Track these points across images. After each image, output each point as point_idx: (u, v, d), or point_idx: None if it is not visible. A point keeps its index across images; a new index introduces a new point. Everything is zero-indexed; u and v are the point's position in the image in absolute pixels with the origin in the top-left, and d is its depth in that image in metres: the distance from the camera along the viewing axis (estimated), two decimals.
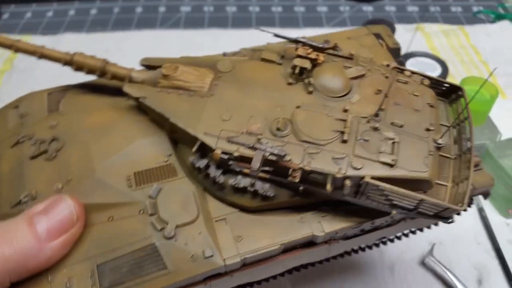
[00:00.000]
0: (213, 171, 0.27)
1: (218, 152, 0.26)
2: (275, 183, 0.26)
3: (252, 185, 0.27)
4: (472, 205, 0.33)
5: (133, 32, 0.80)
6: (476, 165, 0.33)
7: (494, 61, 0.71)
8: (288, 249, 0.28)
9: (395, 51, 0.38)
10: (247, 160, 0.25)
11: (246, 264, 0.27)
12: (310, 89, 0.29)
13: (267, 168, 0.26)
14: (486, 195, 0.34)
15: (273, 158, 0.25)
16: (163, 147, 0.30)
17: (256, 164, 0.25)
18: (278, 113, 0.28)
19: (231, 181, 0.27)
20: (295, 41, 0.30)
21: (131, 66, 0.35)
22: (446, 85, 0.32)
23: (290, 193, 0.27)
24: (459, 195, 0.27)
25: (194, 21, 0.83)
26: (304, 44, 0.30)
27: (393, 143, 0.27)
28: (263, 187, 0.26)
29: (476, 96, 0.49)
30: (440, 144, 0.28)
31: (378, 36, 0.39)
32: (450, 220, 0.28)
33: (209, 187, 0.28)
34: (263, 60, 0.31)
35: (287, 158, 0.25)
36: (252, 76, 0.30)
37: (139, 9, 0.87)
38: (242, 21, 0.83)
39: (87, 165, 0.30)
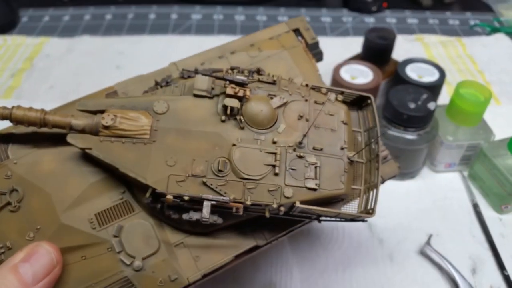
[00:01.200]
0: (167, 210, 0.31)
1: (170, 197, 0.29)
2: (222, 213, 0.30)
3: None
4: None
5: (147, 37, 0.83)
6: (384, 158, 0.38)
7: (489, 70, 0.75)
8: (238, 255, 0.33)
9: (313, 46, 0.41)
10: (196, 200, 0.29)
11: (205, 275, 0.32)
12: (242, 125, 0.31)
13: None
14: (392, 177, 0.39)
15: (220, 203, 0.29)
16: (115, 185, 0.32)
17: (206, 214, 0.29)
18: (217, 152, 0.30)
19: (185, 216, 0.30)
20: (222, 79, 0.32)
21: (141, 71, 0.38)
22: (357, 95, 0.36)
23: (235, 217, 0.31)
24: (371, 201, 0.32)
25: (205, 28, 0.87)
26: (231, 81, 0.31)
27: (316, 167, 0.31)
28: (213, 218, 0.30)
29: (471, 99, 0.54)
30: (352, 160, 0.32)
31: (297, 31, 0.40)
32: (365, 221, 0.33)
33: (165, 220, 0.32)
34: (195, 95, 0.32)
35: (231, 198, 0.29)
36: (187, 115, 0.31)
37: (152, 16, 0.91)
38: (250, 29, 0.87)
39: (51, 213, 0.31)
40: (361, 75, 0.59)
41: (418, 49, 0.79)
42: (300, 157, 0.31)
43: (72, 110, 0.34)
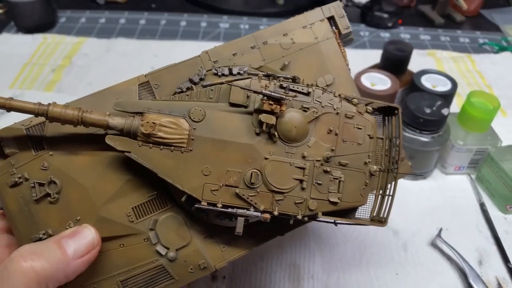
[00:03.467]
0: (199, 212, 0.35)
1: (204, 203, 0.32)
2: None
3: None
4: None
5: (178, 42, 0.90)
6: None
7: (497, 85, 0.81)
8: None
9: (346, 36, 0.40)
10: (229, 206, 0.33)
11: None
12: (275, 139, 0.33)
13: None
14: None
15: (253, 219, 0.33)
16: (149, 182, 0.35)
17: (239, 230, 0.32)
18: (250, 164, 0.33)
19: (217, 220, 0.35)
20: (260, 93, 0.33)
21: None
22: (386, 105, 0.37)
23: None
24: (384, 209, 0.35)
25: (231, 36, 0.93)
26: (268, 97, 0.32)
27: (339, 181, 0.33)
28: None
29: (481, 107, 0.59)
30: (373, 173, 0.34)
31: (331, 19, 0.39)
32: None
33: (196, 216, 0.35)
34: (231, 104, 0.33)
35: (260, 208, 0.32)
36: (223, 125, 0.33)
37: (183, 23, 0.97)
38: None
39: (90, 206, 0.34)
40: (380, 82, 0.65)
41: (431, 63, 0.85)
42: (326, 172, 0.33)
43: (105, 99, 0.35)
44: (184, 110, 0.33)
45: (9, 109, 0.31)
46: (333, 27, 0.39)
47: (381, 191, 0.35)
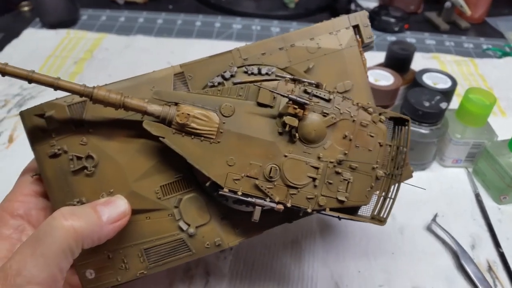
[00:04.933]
0: (221, 197, 0.38)
1: (226, 190, 0.35)
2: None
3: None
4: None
5: (194, 40, 0.95)
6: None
7: (498, 87, 0.84)
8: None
9: (367, 44, 0.42)
10: (248, 195, 0.36)
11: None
12: (295, 140, 0.36)
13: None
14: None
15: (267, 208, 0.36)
16: (177, 164, 0.38)
17: (256, 217, 0.35)
18: (270, 160, 0.36)
19: (234, 205, 0.39)
20: (286, 97, 0.35)
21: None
22: (398, 116, 0.40)
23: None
24: (384, 210, 0.38)
25: (244, 36, 0.98)
26: (293, 101, 0.35)
27: (348, 183, 0.37)
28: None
29: (478, 102, 0.62)
30: (379, 178, 0.38)
31: (356, 27, 0.41)
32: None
33: (216, 198, 0.39)
34: (258, 104, 0.36)
35: (276, 199, 0.36)
36: (250, 122, 0.36)
37: (198, 23, 1.02)
38: None
39: (123, 181, 0.37)
40: (384, 78, 0.69)
41: (434, 66, 0.89)
42: (338, 173, 0.36)
43: (141, 84, 0.37)
44: (216, 104, 0.35)
45: (56, 87, 0.33)
46: (357, 36, 0.41)
47: (383, 193, 0.39)
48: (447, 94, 0.68)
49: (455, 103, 0.75)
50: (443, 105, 0.61)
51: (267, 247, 0.55)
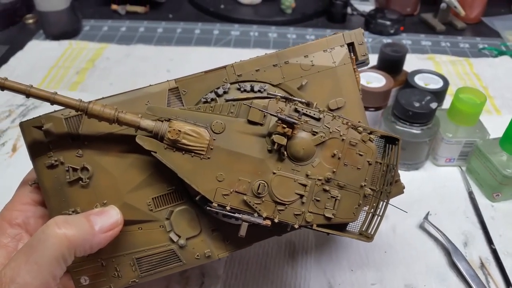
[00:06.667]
0: (210, 211, 0.39)
1: (215, 204, 0.37)
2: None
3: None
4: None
5: (193, 47, 0.97)
6: (395, 181, 0.43)
7: (493, 86, 0.85)
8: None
9: (362, 61, 0.43)
10: (236, 210, 0.37)
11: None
12: (283, 157, 0.37)
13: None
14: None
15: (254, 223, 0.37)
16: (168, 177, 0.38)
17: (243, 233, 0.36)
18: (259, 176, 0.37)
19: (224, 218, 0.39)
20: (276, 116, 0.36)
21: (182, 75, 0.40)
22: (389, 135, 0.40)
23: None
24: (372, 227, 0.39)
25: (242, 42, 1.00)
26: (282, 121, 0.36)
27: (336, 200, 0.37)
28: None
29: (468, 101, 0.63)
30: (367, 196, 0.38)
31: (351, 45, 0.42)
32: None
33: (206, 211, 0.40)
34: (249, 121, 0.36)
35: (263, 215, 0.36)
36: (240, 139, 0.37)
37: (197, 31, 1.05)
38: (281, 44, 0.99)
39: (116, 192, 0.38)
40: (375, 80, 0.70)
41: (429, 67, 0.90)
42: (326, 190, 0.37)
43: (137, 99, 0.38)
44: (207, 121, 0.36)
45: (53, 102, 0.34)
46: (351, 53, 0.41)
47: (372, 210, 0.39)
48: (438, 95, 0.69)
49: (448, 102, 0.76)
50: (433, 105, 0.62)
51: (261, 247, 0.56)
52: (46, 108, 0.72)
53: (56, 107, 0.38)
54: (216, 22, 1.08)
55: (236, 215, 0.37)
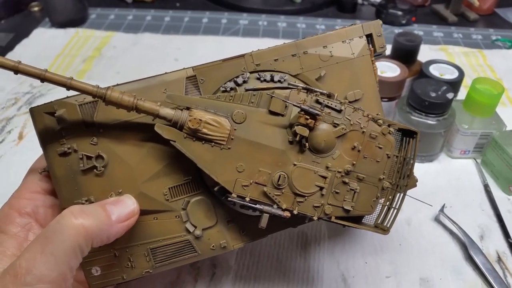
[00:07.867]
0: (228, 201, 0.38)
1: (234, 195, 0.36)
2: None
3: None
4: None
5: (200, 37, 0.95)
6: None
7: (507, 78, 0.83)
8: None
9: (379, 53, 0.42)
10: (256, 201, 0.36)
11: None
12: (304, 149, 0.36)
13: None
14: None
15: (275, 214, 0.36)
16: (186, 167, 0.38)
17: (263, 224, 0.36)
18: (279, 167, 0.36)
19: (241, 209, 0.39)
20: (299, 107, 0.35)
21: (195, 64, 0.39)
22: (407, 128, 0.40)
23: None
24: (388, 220, 0.38)
25: (251, 32, 0.98)
26: (305, 112, 0.35)
27: (355, 192, 0.37)
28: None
29: (485, 91, 0.62)
30: (385, 188, 0.38)
31: (369, 36, 0.40)
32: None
33: (223, 202, 0.39)
34: (270, 112, 0.36)
35: (283, 207, 0.36)
36: (261, 129, 0.36)
37: (205, 20, 1.03)
38: (290, 34, 0.98)
39: (132, 182, 0.37)
40: (390, 70, 0.68)
41: (442, 57, 0.88)
42: (345, 183, 0.36)
43: (153, 86, 0.37)
44: (228, 111, 0.35)
45: (69, 88, 0.32)
46: (370, 45, 0.40)
47: (388, 203, 0.39)
48: (454, 85, 0.67)
49: (463, 94, 0.74)
50: (449, 95, 0.60)
51: (273, 238, 0.55)
52: (52, 96, 0.71)
53: (65, 94, 0.36)
54: (224, 11, 1.06)
55: (257, 206, 0.36)
